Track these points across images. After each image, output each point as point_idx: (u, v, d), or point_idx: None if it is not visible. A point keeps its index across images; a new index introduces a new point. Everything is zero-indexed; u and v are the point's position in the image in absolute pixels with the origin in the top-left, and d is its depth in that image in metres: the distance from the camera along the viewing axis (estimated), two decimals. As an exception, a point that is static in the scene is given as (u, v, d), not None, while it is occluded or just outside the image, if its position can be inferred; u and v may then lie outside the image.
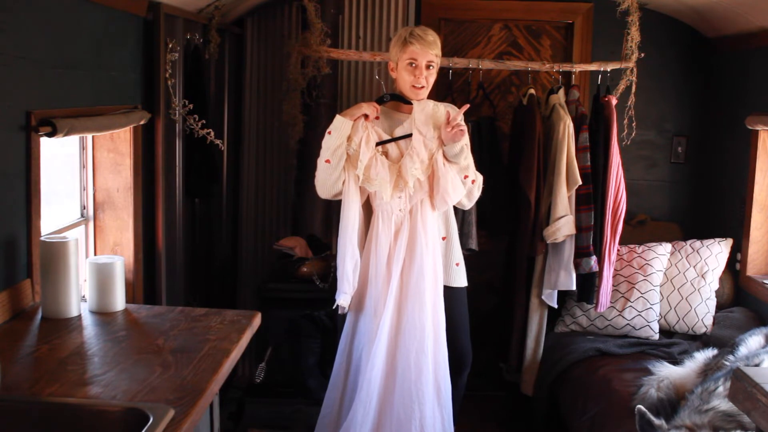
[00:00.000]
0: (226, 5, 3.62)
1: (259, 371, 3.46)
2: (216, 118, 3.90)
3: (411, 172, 2.96)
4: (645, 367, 3.17)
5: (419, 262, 2.98)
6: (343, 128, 2.93)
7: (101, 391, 1.73)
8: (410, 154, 2.98)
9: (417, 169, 2.96)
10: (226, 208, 4.16)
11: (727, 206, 4.01)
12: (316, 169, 3.02)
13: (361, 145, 2.95)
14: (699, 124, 4.31)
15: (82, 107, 2.47)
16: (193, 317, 2.27)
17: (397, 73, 3.06)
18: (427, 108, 3.02)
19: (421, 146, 2.98)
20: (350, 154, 2.97)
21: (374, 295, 3.01)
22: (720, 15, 3.75)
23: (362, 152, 2.95)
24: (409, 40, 2.99)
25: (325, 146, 2.97)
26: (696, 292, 3.68)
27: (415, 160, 2.97)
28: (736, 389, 1.91)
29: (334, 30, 3.93)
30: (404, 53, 3.00)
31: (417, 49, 2.98)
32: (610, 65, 3.71)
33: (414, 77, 3.01)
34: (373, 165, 2.97)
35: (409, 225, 3.01)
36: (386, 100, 3.09)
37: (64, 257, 2.18)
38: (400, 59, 3.02)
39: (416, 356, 2.95)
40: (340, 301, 3.01)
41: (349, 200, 3.00)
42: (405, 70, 3.01)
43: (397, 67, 3.05)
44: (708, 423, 2.38)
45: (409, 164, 2.97)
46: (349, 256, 2.99)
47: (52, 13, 2.31)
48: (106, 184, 2.86)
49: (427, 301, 2.98)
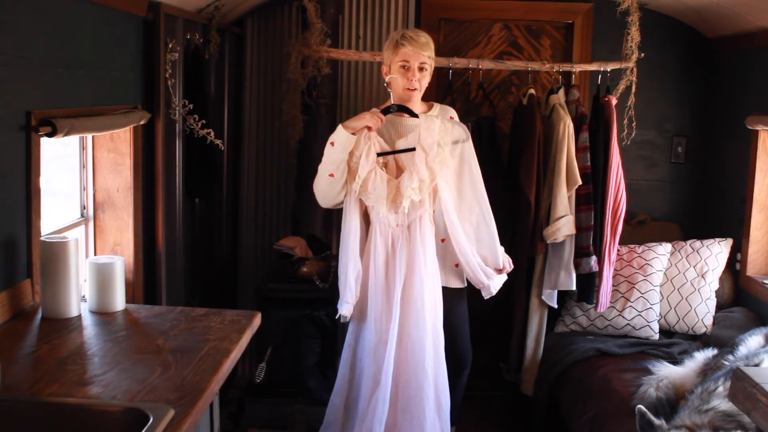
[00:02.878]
0: (226, 5, 3.62)
1: (259, 371, 3.46)
2: (216, 118, 3.90)
3: (407, 192, 2.90)
4: (645, 367, 3.17)
5: (419, 281, 2.94)
6: (348, 143, 2.88)
7: (101, 391, 1.73)
8: (410, 171, 2.92)
9: (414, 189, 2.89)
10: (226, 208, 4.16)
11: (727, 206, 4.01)
12: (316, 177, 2.98)
13: (362, 158, 2.90)
14: (699, 124, 4.31)
15: (82, 107, 2.47)
16: (193, 317, 2.27)
17: (390, 74, 3.04)
18: (434, 126, 2.93)
19: (422, 165, 2.91)
20: (351, 167, 2.94)
21: (375, 307, 2.99)
22: (720, 15, 3.75)
23: (361, 166, 2.90)
24: (401, 42, 2.97)
25: (327, 159, 2.92)
26: (696, 292, 3.68)
27: (414, 179, 2.90)
28: (736, 389, 1.91)
29: (334, 30, 3.93)
30: (396, 55, 2.98)
31: (409, 50, 2.96)
32: (610, 65, 3.71)
33: (407, 80, 2.98)
34: (372, 179, 2.92)
35: (408, 240, 2.96)
36: (393, 111, 3.01)
37: (64, 257, 2.18)
38: (392, 62, 3.00)
39: (416, 373, 2.94)
40: (342, 311, 2.98)
41: (349, 211, 2.98)
42: (397, 72, 2.99)
43: (390, 70, 3.03)
44: (708, 423, 2.38)
45: (407, 182, 2.91)
46: (351, 266, 2.97)
47: (52, 13, 2.31)
48: (106, 184, 2.86)
49: (427, 320, 2.95)
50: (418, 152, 2.92)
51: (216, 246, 4.03)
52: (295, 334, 3.51)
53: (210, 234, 3.94)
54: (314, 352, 3.55)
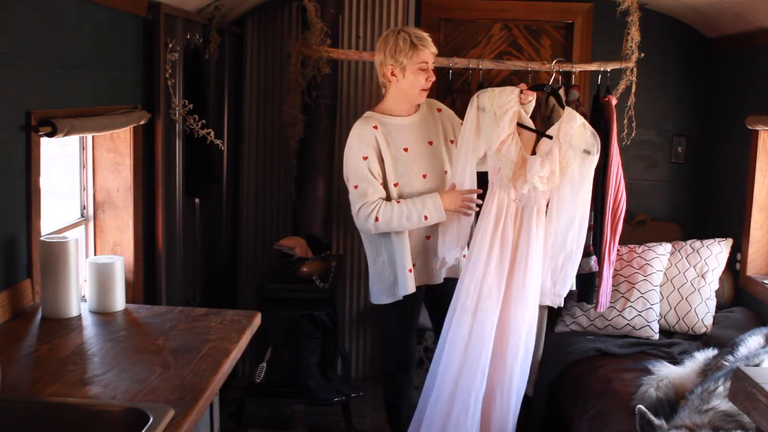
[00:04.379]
0: (226, 5, 3.62)
1: (259, 371, 3.46)
2: (216, 118, 3.90)
3: (533, 179, 3.01)
4: (645, 367, 3.16)
5: (524, 263, 3.10)
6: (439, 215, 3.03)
7: (101, 391, 1.73)
8: (543, 159, 3.02)
9: (542, 178, 3.01)
10: (226, 208, 4.16)
11: (727, 206, 4.01)
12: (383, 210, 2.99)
13: (506, 119, 3.02)
14: (699, 124, 4.31)
15: (82, 107, 2.47)
16: (193, 317, 2.27)
17: (399, 76, 3.04)
18: (574, 123, 3.05)
19: (556, 158, 3.02)
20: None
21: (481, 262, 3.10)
22: (720, 15, 3.75)
23: (502, 127, 3.01)
24: (418, 44, 2.99)
25: (414, 220, 3.01)
26: (696, 292, 3.68)
27: (545, 168, 3.00)
28: (736, 389, 1.91)
29: (334, 30, 3.93)
30: (416, 57, 3.00)
31: (428, 52, 3.02)
32: (610, 65, 3.71)
33: (425, 80, 3.04)
34: (507, 142, 3.03)
35: (519, 219, 3.10)
36: (546, 90, 3.19)
37: (64, 257, 2.18)
38: (409, 63, 3.00)
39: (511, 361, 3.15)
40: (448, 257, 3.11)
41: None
42: (415, 73, 3.02)
43: (403, 71, 3.03)
44: (708, 423, 2.38)
45: (537, 168, 3.01)
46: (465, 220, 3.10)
47: (52, 13, 2.31)
48: (106, 184, 2.86)
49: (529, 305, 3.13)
50: (556, 143, 3.04)
51: (216, 246, 4.03)
52: (295, 334, 3.51)
53: (210, 234, 3.94)
54: (314, 352, 3.55)
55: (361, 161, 3.01)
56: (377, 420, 3.89)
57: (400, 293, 3.12)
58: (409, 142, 3.09)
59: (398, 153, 3.07)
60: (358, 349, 4.44)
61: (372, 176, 3.01)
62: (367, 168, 3.01)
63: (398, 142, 3.08)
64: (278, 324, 3.53)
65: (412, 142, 3.10)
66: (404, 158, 3.07)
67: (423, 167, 3.12)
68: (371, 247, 3.18)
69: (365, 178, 3.01)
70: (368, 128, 3.04)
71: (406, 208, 3.01)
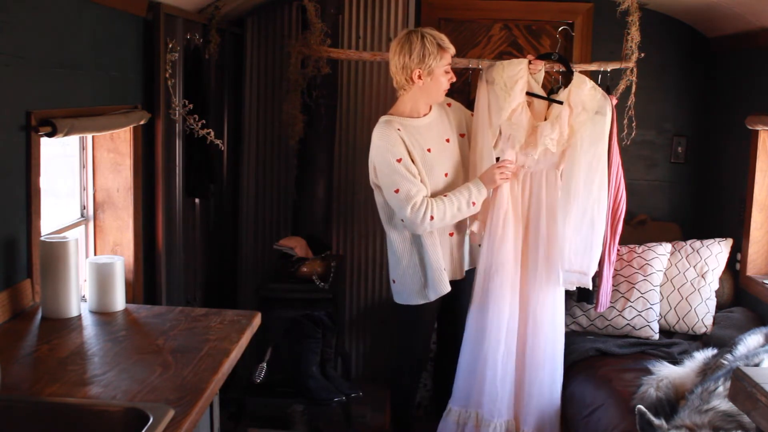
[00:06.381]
0: (226, 5, 3.62)
1: (259, 371, 3.46)
2: (216, 118, 3.90)
3: (545, 140, 3.07)
4: (645, 367, 3.16)
5: (539, 226, 3.20)
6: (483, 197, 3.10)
7: (101, 391, 1.73)
8: (553, 123, 3.09)
9: (552, 140, 3.08)
10: (226, 208, 4.16)
11: (727, 206, 4.01)
12: (435, 218, 2.99)
13: (516, 89, 3.09)
14: (699, 124, 4.31)
15: (82, 107, 2.48)
16: (193, 317, 2.27)
17: (426, 80, 3.02)
18: (584, 87, 3.13)
19: (565, 120, 3.09)
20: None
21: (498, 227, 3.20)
22: (720, 15, 3.75)
23: (513, 97, 3.09)
24: (445, 46, 3.01)
25: (465, 209, 3.05)
26: (696, 292, 3.68)
27: (555, 130, 3.07)
28: (736, 389, 1.91)
29: (334, 30, 3.92)
30: (443, 59, 3.02)
31: (451, 53, 3.06)
32: (610, 65, 3.70)
33: (448, 82, 3.08)
34: (518, 111, 3.10)
35: (531, 186, 3.20)
36: (554, 59, 3.23)
37: (64, 257, 2.18)
38: (437, 66, 3.00)
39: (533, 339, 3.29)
40: (473, 227, 3.22)
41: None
42: (443, 76, 3.04)
43: (431, 75, 3.01)
44: (708, 423, 2.38)
45: (547, 130, 3.07)
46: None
47: (52, 13, 2.31)
48: (106, 184, 2.86)
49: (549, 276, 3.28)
50: (565, 107, 3.11)
51: (216, 246, 4.03)
52: (295, 334, 3.51)
53: (210, 234, 3.94)
54: (314, 352, 3.55)
55: (396, 164, 2.97)
56: (377, 420, 3.89)
57: (431, 295, 3.13)
58: (431, 142, 3.10)
59: (423, 154, 3.06)
60: (358, 349, 4.44)
61: (411, 176, 2.98)
62: (404, 169, 2.97)
63: (421, 143, 3.07)
64: (278, 324, 3.53)
65: (433, 143, 3.11)
66: (429, 158, 3.07)
67: (444, 166, 3.13)
68: (402, 248, 3.14)
69: (405, 178, 2.97)
70: (393, 131, 3.01)
71: (456, 199, 3.03)
